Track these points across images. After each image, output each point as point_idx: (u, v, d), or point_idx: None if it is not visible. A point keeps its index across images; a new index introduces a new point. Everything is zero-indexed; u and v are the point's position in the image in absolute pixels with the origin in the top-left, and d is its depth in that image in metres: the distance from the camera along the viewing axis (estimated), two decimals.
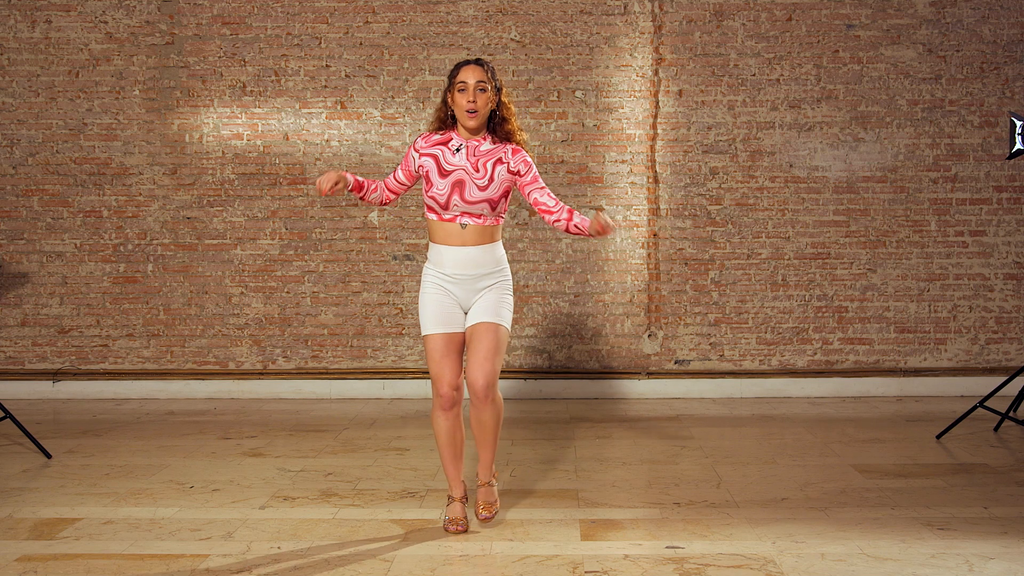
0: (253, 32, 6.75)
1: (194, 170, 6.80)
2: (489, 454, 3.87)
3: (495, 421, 3.81)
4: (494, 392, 3.76)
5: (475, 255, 3.72)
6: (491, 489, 3.90)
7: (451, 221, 3.71)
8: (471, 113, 3.67)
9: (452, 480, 3.87)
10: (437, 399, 3.78)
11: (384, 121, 6.77)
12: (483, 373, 3.70)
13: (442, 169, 3.71)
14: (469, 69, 3.68)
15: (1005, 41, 6.68)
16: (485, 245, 3.73)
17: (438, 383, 3.75)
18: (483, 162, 3.71)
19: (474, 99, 3.66)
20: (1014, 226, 6.73)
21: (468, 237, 3.71)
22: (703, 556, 3.48)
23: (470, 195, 3.67)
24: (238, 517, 3.99)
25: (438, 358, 3.74)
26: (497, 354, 3.72)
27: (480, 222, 3.71)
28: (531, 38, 6.71)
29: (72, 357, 6.85)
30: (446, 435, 3.81)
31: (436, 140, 3.78)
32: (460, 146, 3.74)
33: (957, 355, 6.76)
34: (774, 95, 6.71)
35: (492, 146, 3.76)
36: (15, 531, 3.82)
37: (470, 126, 3.71)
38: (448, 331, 3.75)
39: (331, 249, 6.80)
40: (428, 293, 3.77)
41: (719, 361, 6.78)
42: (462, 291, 3.75)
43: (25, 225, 6.82)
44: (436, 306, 3.74)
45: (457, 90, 3.69)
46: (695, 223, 6.75)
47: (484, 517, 3.82)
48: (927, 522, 3.85)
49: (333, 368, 6.81)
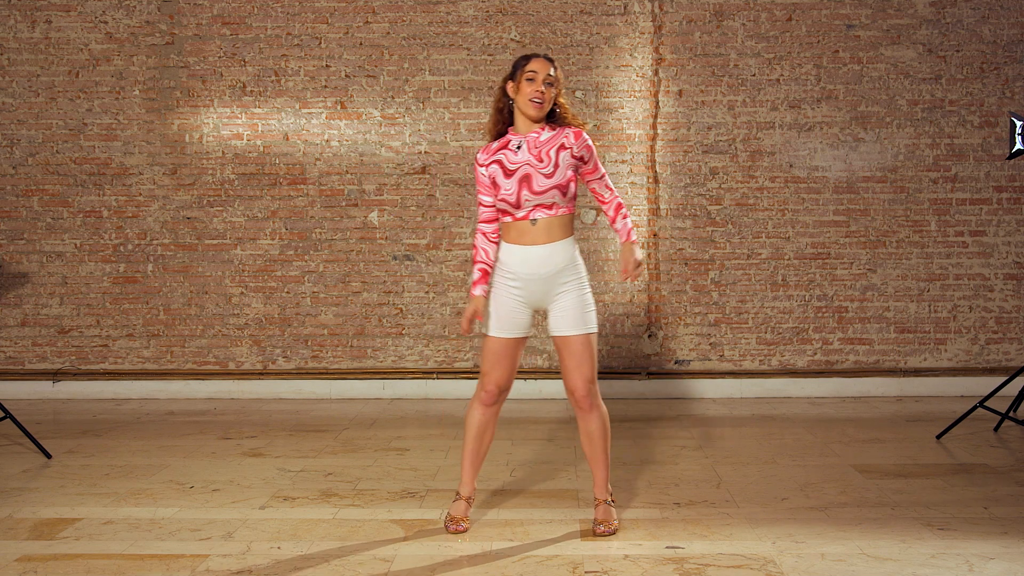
0: (253, 32, 6.75)
1: (194, 170, 6.80)
2: (603, 471, 3.80)
3: (603, 430, 3.78)
4: (597, 398, 3.76)
5: (547, 253, 3.68)
6: (609, 509, 3.79)
7: (524, 219, 3.68)
8: (536, 102, 3.64)
9: (465, 476, 3.84)
10: (481, 393, 3.76)
11: (384, 121, 6.77)
12: (582, 379, 3.70)
13: (506, 170, 3.69)
14: (541, 61, 3.68)
15: (1005, 41, 6.68)
16: (555, 243, 3.69)
17: (486, 377, 3.75)
18: (545, 151, 3.69)
19: (542, 90, 3.65)
20: (1014, 226, 6.73)
21: (538, 235, 3.67)
22: (703, 556, 3.48)
23: (538, 185, 3.64)
24: (238, 517, 3.99)
25: (493, 358, 3.74)
26: (592, 359, 3.72)
27: (553, 213, 3.67)
28: (531, 38, 6.71)
29: (72, 357, 6.86)
30: (477, 427, 3.80)
31: (495, 148, 3.75)
32: (520, 143, 3.72)
33: (957, 355, 6.76)
34: (774, 95, 6.71)
35: (551, 133, 3.74)
36: (15, 531, 3.82)
37: (532, 115, 3.67)
38: (510, 335, 3.74)
39: (331, 249, 6.80)
40: (498, 296, 3.75)
41: (719, 361, 6.78)
42: (534, 290, 3.70)
43: (25, 225, 6.82)
44: (502, 309, 3.72)
45: (526, 79, 3.66)
46: (695, 223, 6.75)
47: (602, 531, 3.73)
48: (927, 522, 3.85)
49: (333, 368, 6.81)
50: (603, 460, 3.80)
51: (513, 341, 3.75)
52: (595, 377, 3.75)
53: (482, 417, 3.80)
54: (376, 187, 6.78)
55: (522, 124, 3.73)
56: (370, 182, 6.78)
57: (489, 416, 3.80)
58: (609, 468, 3.83)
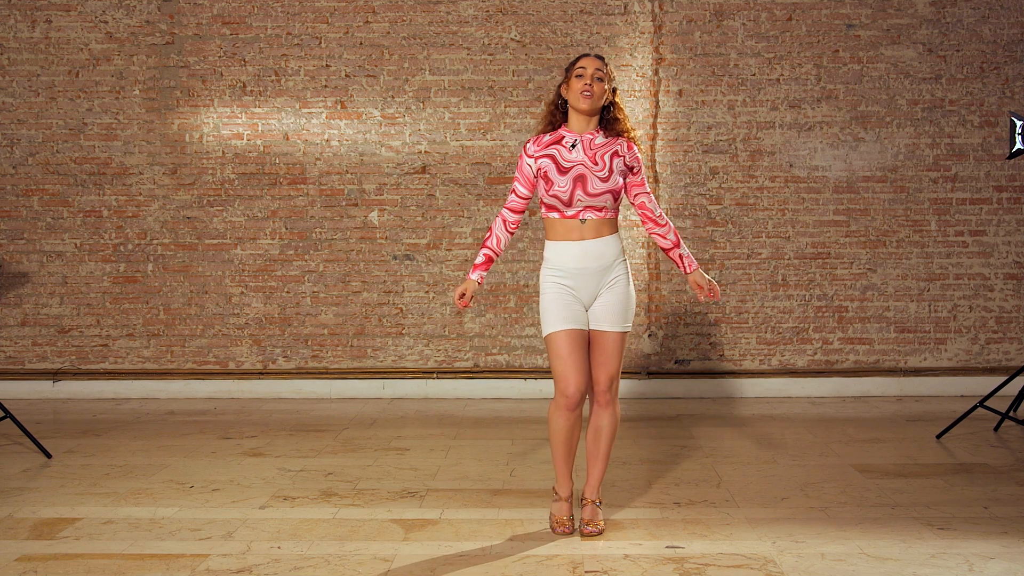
0: (253, 32, 6.75)
1: (194, 170, 6.80)
2: (599, 471, 3.80)
3: (612, 429, 3.78)
4: (615, 396, 3.77)
5: (597, 248, 3.70)
6: (596, 509, 3.79)
7: (573, 218, 3.70)
8: (586, 95, 3.67)
9: (561, 477, 3.80)
10: (562, 399, 3.68)
11: (384, 121, 6.77)
12: (607, 374, 3.72)
13: (560, 167, 3.70)
14: (590, 59, 3.74)
15: (1005, 41, 6.68)
16: (605, 237, 3.72)
17: (563, 382, 3.67)
18: (600, 155, 3.71)
19: (591, 83, 3.68)
20: (1014, 226, 6.73)
21: (587, 231, 3.70)
22: (703, 556, 3.48)
23: (593, 188, 3.66)
24: (238, 517, 3.99)
25: (565, 355, 3.67)
26: (619, 357, 3.74)
27: (601, 215, 3.71)
28: (531, 38, 6.71)
29: (72, 357, 6.86)
30: (565, 433, 3.73)
31: (548, 141, 3.77)
32: (575, 142, 3.74)
33: (957, 355, 6.76)
34: (774, 95, 6.71)
35: (605, 139, 3.76)
36: (15, 531, 3.82)
37: (583, 108, 3.69)
38: (573, 327, 3.69)
39: (331, 249, 6.80)
40: (549, 292, 3.72)
41: (719, 361, 6.78)
42: (584, 286, 3.70)
43: (25, 225, 6.82)
44: (559, 304, 3.69)
45: (575, 75, 3.71)
46: (695, 223, 6.75)
47: (589, 532, 3.72)
48: (927, 522, 3.85)
49: (333, 368, 6.81)
50: (603, 460, 3.80)
51: (576, 334, 3.69)
52: (618, 375, 3.78)
53: (567, 422, 3.71)
54: (376, 187, 6.78)
55: (576, 123, 3.76)
56: (370, 182, 6.78)
57: (574, 419, 3.72)
58: (604, 471, 3.82)
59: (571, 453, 3.79)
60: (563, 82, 3.78)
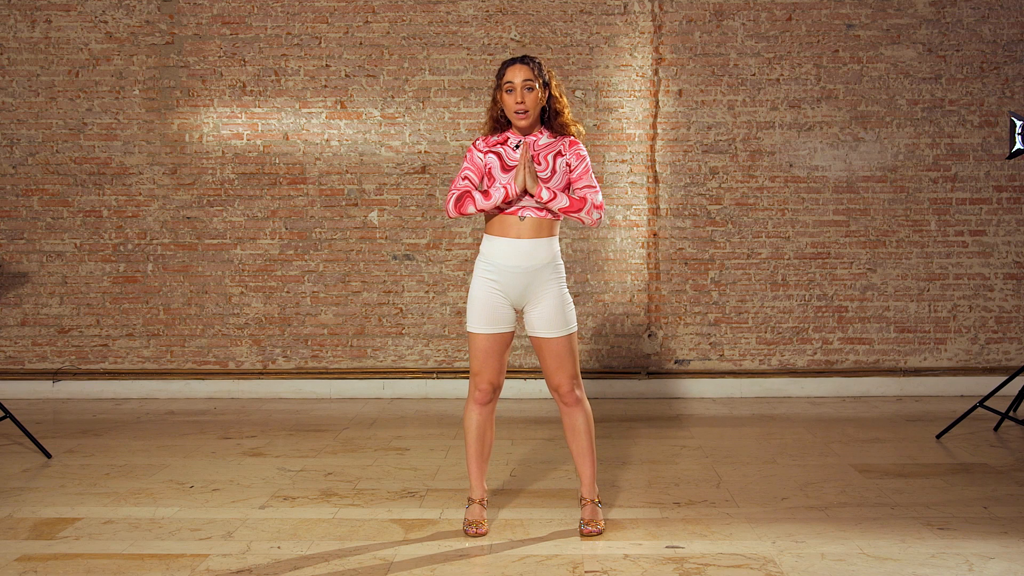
0: (253, 32, 6.75)
1: (194, 170, 6.80)
2: (589, 469, 3.78)
3: (587, 426, 3.76)
4: (581, 393, 3.75)
5: (530, 248, 3.67)
6: (596, 508, 3.78)
7: (512, 213, 3.68)
8: (521, 114, 3.64)
9: (474, 480, 3.81)
10: (475, 392, 3.74)
11: (384, 121, 6.77)
12: (566, 375, 3.70)
13: (505, 165, 3.68)
14: (515, 68, 3.65)
15: (1005, 41, 6.68)
16: (542, 239, 3.69)
17: (477, 378, 3.73)
18: (543, 155, 3.69)
19: (522, 99, 3.63)
20: (1014, 226, 6.73)
21: (525, 229, 3.67)
22: (703, 556, 3.48)
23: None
24: (238, 517, 3.99)
25: (481, 356, 3.72)
26: (572, 356, 3.72)
27: (542, 215, 3.68)
28: (531, 38, 6.71)
29: (72, 357, 6.86)
30: (477, 429, 3.76)
31: (494, 141, 3.75)
32: (519, 142, 3.72)
33: (957, 355, 6.76)
34: (774, 95, 6.71)
35: (550, 140, 3.73)
36: (15, 531, 3.82)
37: (521, 126, 3.68)
38: (494, 331, 3.71)
39: (331, 249, 6.80)
40: (477, 289, 3.71)
41: (719, 361, 6.78)
42: (514, 285, 3.68)
43: (25, 225, 6.82)
44: (484, 305, 3.69)
45: (505, 91, 3.65)
46: (695, 223, 6.75)
47: (589, 531, 3.70)
48: (927, 522, 3.85)
49: (333, 368, 6.81)
50: (589, 456, 3.78)
51: (498, 336, 3.72)
52: (578, 373, 3.76)
53: (479, 417, 3.78)
54: (376, 187, 6.78)
55: (518, 128, 3.72)
56: (370, 182, 6.78)
57: (486, 415, 3.78)
58: (595, 467, 3.81)
59: (483, 455, 3.79)
60: (496, 90, 3.70)
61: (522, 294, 3.70)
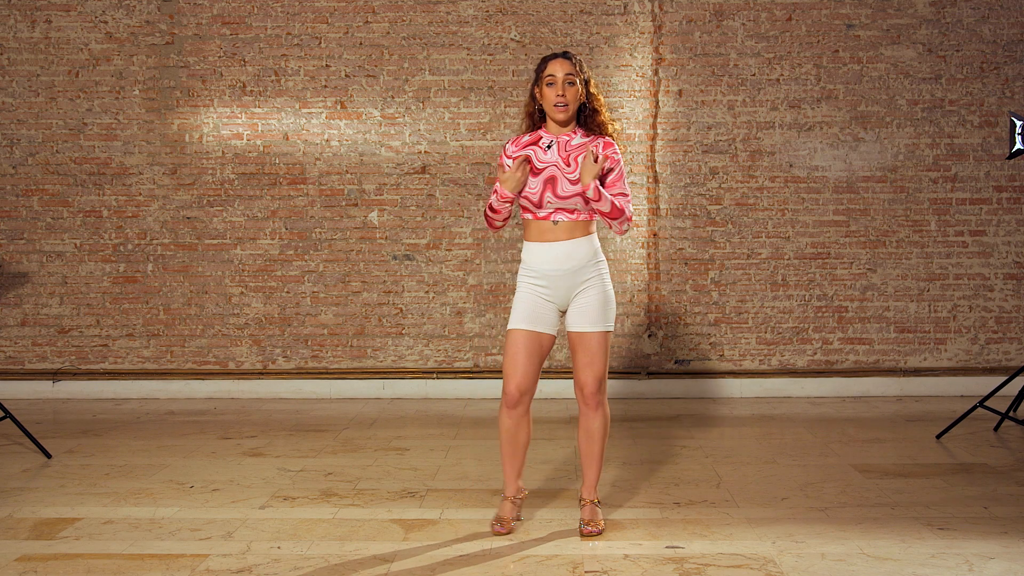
0: (253, 32, 6.75)
1: (194, 170, 6.80)
2: (594, 472, 3.78)
3: (603, 430, 3.77)
4: (604, 397, 3.75)
5: (569, 249, 3.66)
6: (596, 509, 3.78)
7: (545, 219, 3.67)
8: (560, 107, 3.63)
9: (507, 478, 3.81)
10: (504, 396, 3.72)
11: (384, 121, 6.77)
12: (594, 376, 3.70)
13: (534, 168, 3.67)
14: (557, 62, 3.64)
15: (1005, 41, 6.68)
16: (579, 239, 3.68)
17: (507, 380, 3.69)
18: (575, 156, 3.67)
19: (563, 92, 3.62)
20: (1014, 226, 6.73)
21: (560, 233, 3.66)
22: (703, 556, 3.48)
23: (562, 190, 3.63)
24: (238, 517, 3.99)
25: (513, 354, 3.68)
26: (603, 357, 3.71)
27: (574, 217, 3.67)
28: (531, 38, 6.71)
29: (72, 357, 6.85)
30: (507, 432, 3.75)
31: (526, 142, 3.74)
32: (551, 143, 3.70)
33: (957, 355, 6.76)
34: (774, 95, 6.71)
35: (583, 140, 3.72)
36: (15, 531, 3.82)
37: (559, 119, 3.66)
38: (533, 329, 3.68)
39: (331, 249, 6.80)
40: (522, 292, 3.71)
41: (719, 361, 6.78)
42: (557, 288, 3.68)
43: (25, 225, 6.82)
44: (527, 304, 3.68)
45: (546, 84, 3.64)
46: (695, 223, 6.75)
47: (589, 531, 3.70)
48: (927, 522, 3.85)
49: (333, 368, 6.81)
50: (597, 460, 3.79)
51: (535, 336, 3.69)
52: (606, 376, 3.76)
53: (509, 420, 3.74)
54: (376, 187, 6.78)
55: (553, 125, 3.72)
56: (370, 182, 6.78)
57: (516, 418, 3.74)
58: (600, 471, 3.82)
59: (515, 454, 3.78)
60: (535, 85, 3.70)
61: (566, 295, 3.70)
